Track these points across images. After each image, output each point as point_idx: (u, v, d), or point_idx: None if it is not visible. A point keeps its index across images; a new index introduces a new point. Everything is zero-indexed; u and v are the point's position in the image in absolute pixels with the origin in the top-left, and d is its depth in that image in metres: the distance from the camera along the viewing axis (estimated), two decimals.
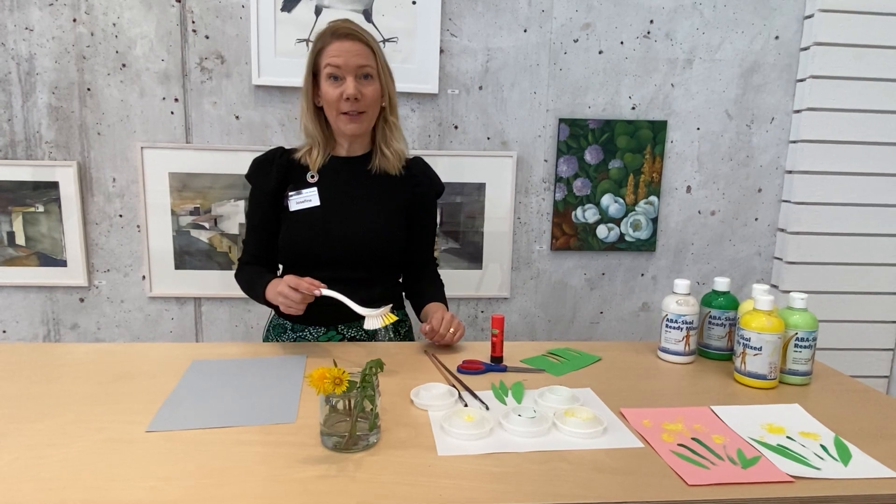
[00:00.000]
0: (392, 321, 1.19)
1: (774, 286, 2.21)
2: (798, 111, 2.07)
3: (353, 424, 0.81)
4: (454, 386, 1.04)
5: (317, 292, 1.16)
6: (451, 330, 1.24)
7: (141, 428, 0.88)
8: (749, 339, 1.08)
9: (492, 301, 2.15)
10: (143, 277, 2.02)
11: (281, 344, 1.29)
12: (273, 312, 1.44)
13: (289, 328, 1.36)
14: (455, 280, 2.10)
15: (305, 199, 1.33)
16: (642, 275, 2.19)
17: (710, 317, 1.23)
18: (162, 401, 0.97)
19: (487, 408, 0.97)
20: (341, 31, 1.26)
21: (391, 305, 1.21)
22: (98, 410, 0.94)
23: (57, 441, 0.84)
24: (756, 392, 1.07)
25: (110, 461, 0.79)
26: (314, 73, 1.30)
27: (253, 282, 1.34)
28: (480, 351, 1.24)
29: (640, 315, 2.22)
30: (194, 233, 2.00)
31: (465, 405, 0.97)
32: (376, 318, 1.17)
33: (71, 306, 2.03)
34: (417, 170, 1.41)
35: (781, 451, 0.85)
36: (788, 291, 2.16)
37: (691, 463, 0.81)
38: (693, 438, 0.88)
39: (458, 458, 0.81)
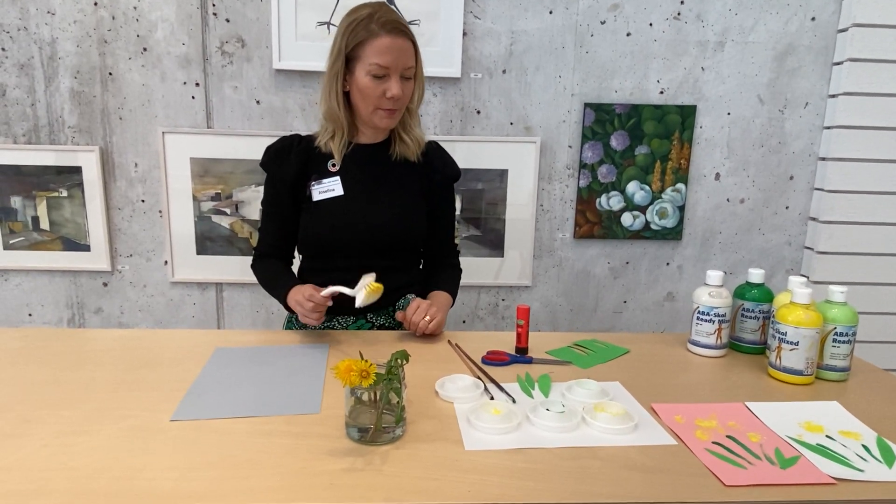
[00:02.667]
0: (378, 290, 1.15)
1: (805, 276, 2.15)
2: (833, 96, 2.00)
3: (378, 417, 0.80)
4: (479, 378, 1.02)
5: (329, 302, 1.17)
6: (427, 318, 1.21)
7: (165, 416, 0.88)
8: (785, 334, 1.04)
9: (513, 289, 2.12)
10: (166, 262, 2.03)
11: (303, 332, 1.28)
12: None
13: None
14: (475, 268, 2.08)
15: (328, 188, 1.30)
16: (668, 264, 2.15)
17: (744, 309, 1.19)
18: (186, 389, 0.97)
19: (514, 401, 0.95)
20: (391, 26, 1.19)
21: (373, 275, 1.17)
22: (123, 398, 0.94)
23: (83, 429, 0.84)
24: (791, 388, 1.04)
25: (136, 450, 0.78)
26: (347, 58, 1.24)
27: (273, 281, 1.34)
28: (504, 341, 1.22)
29: (664, 305, 2.18)
30: (216, 218, 2.00)
31: (492, 398, 0.95)
32: (360, 291, 1.15)
33: (95, 290, 2.04)
34: (433, 155, 1.38)
35: (821, 450, 0.82)
36: (819, 282, 2.10)
37: (727, 462, 0.78)
38: (728, 436, 0.85)
39: (486, 453, 0.79)
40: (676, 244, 2.13)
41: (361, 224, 1.29)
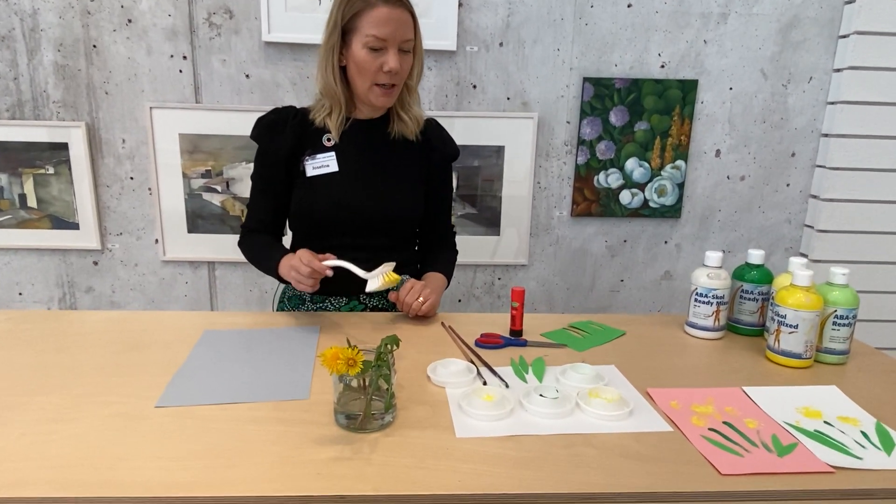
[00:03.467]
0: (395, 282, 1.13)
1: (804, 255, 2.13)
2: (839, 70, 1.95)
3: (367, 404, 0.78)
4: (472, 362, 1.01)
5: (328, 272, 1.11)
6: (420, 299, 1.19)
7: (151, 403, 0.86)
8: (784, 317, 1.02)
9: (509, 268, 2.10)
10: (157, 241, 2.00)
11: (294, 314, 1.26)
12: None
13: (307, 299, 1.32)
14: (471, 246, 2.05)
15: (323, 164, 1.26)
16: (666, 242, 2.12)
17: (742, 291, 1.17)
18: (173, 373, 0.95)
19: (507, 386, 0.93)
20: None
21: (393, 264, 1.15)
22: (108, 383, 0.91)
23: (65, 416, 0.82)
24: (790, 371, 1.02)
25: (119, 439, 0.76)
26: (343, 31, 1.19)
27: (262, 253, 1.28)
28: (498, 324, 1.20)
29: (661, 284, 2.16)
30: (206, 196, 1.96)
31: (485, 383, 0.93)
32: (376, 277, 1.12)
33: (85, 269, 2.02)
34: (432, 133, 1.34)
35: (819, 437, 0.81)
36: (819, 261, 2.08)
37: (724, 450, 0.77)
38: (724, 422, 0.84)
39: (478, 441, 0.77)
40: (675, 222, 2.10)
41: (356, 202, 1.26)
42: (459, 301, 2.11)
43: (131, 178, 1.95)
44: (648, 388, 0.94)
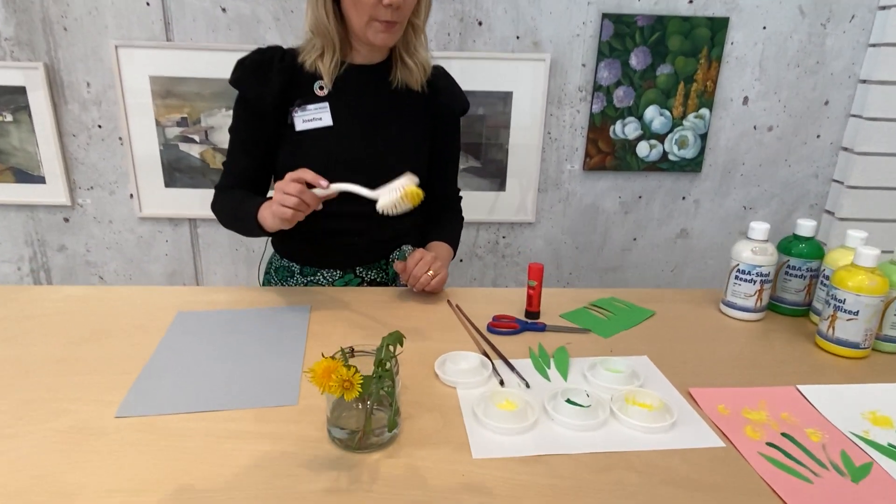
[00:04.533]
0: (416, 198, 0.89)
1: (829, 212, 1.99)
2: (885, 7, 1.75)
3: (367, 420, 0.65)
4: (486, 354, 0.88)
5: (320, 191, 0.92)
6: (430, 273, 1.05)
7: (111, 410, 0.73)
8: (843, 301, 0.89)
9: (514, 226, 1.95)
10: (131, 196, 1.83)
11: (282, 289, 1.12)
12: (273, 251, 1.25)
13: (297, 272, 1.18)
14: (474, 202, 1.89)
15: (314, 116, 1.09)
16: (683, 198, 1.97)
17: (788, 266, 1.04)
18: (140, 368, 0.81)
19: (528, 386, 0.80)
20: None
21: (414, 179, 0.91)
22: (61, 384, 0.78)
23: (6, 430, 0.69)
24: (845, 363, 0.90)
25: (69, 461, 0.64)
26: None
27: (238, 205, 1.09)
28: (511, 301, 1.06)
29: (676, 242, 2.03)
30: (183, 147, 1.78)
31: (502, 382, 0.81)
32: (389, 194, 0.89)
33: (55, 227, 1.86)
34: (440, 83, 1.16)
35: (894, 453, 0.69)
36: (846, 219, 1.94)
37: (789, 473, 0.65)
38: (783, 434, 0.72)
39: (499, 463, 0.65)
40: (695, 177, 1.94)
41: (353, 161, 1.09)
42: (461, 261, 1.98)
43: (99, 127, 1.76)
44: (690, 387, 0.81)
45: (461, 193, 1.32)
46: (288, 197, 0.91)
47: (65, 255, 1.89)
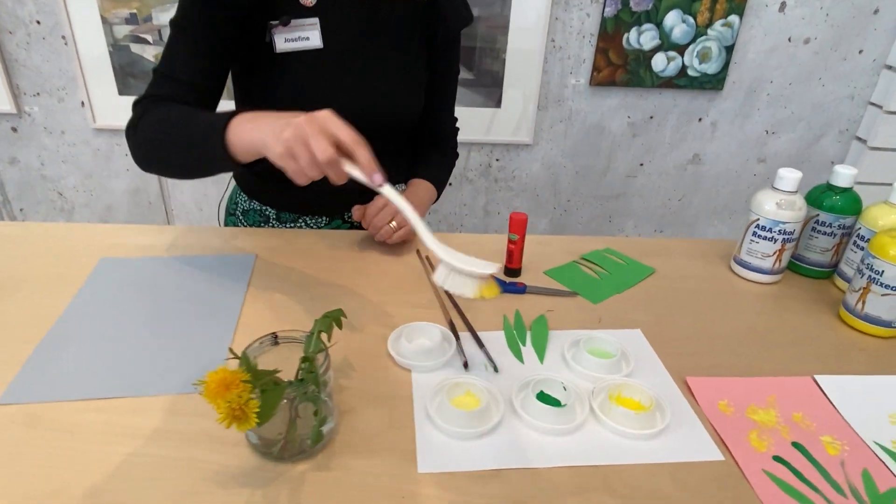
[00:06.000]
0: (489, 295, 0.61)
1: (861, 139, 1.79)
2: None
3: (290, 428, 0.53)
4: (452, 325, 0.75)
5: (359, 175, 0.63)
6: (393, 225, 0.89)
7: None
8: (881, 273, 0.75)
9: (510, 147, 1.77)
10: (83, 104, 1.64)
11: (224, 231, 0.97)
12: (235, 184, 1.08)
13: (272, 217, 1.03)
14: (466, 120, 1.69)
15: (300, 35, 0.86)
16: (700, 120, 1.77)
17: (818, 222, 0.88)
18: (40, 337, 0.69)
19: (496, 370, 0.68)
20: None
21: (496, 267, 0.62)
22: None
23: None
24: (872, 343, 0.77)
25: None
26: None
27: (189, 119, 0.77)
28: (492, 251, 0.92)
29: (687, 169, 1.85)
30: (135, 48, 1.57)
31: (466, 364, 0.68)
32: (464, 275, 0.60)
33: (3, 137, 1.68)
34: None
35: None
36: (879, 148, 1.75)
37: (797, 500, 0.54)
38: (794, 444, 0.60)
39: (447, 480, 0.54)
40: (715, 95, 1.73)
41: (343, 91, 0.90)
42: (450, 184, 1.81)
43: (38, 23, 1.54)
44: (689, 373, 0.69)
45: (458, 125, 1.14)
46: (310, 157, 0.61)
47: (17, 168, 1.73)
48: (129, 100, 1.61)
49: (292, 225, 1.03)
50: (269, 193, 1.02)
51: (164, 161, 0.83)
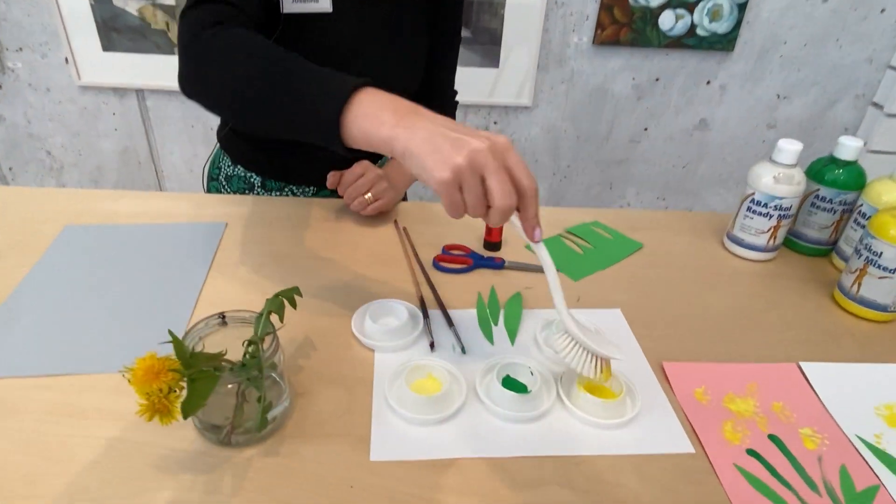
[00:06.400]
0: (607, 379, 0.58)
1: (878, 105, 1.70)
2: None
3: (236, 413, 0.51)
4: (423, 302, 0.71)
5: (534, 239, 0.55)
6: (368, 196, 0.84)
7: None
8: (880, 255, 0.70)
9: (508, 110, 1.70)
10: (67, 61, 1.59)
11: (196, 197, 0.93)
12: (219, 147, 1.03)
13: (257, 184, 0.99)
14: (462, 81, 1.61)
15: None
16: (708, 82, 1.69)
17: (817, 197, 0.83)
18: None
19: (463, 351, 0.65)
20: None
21: (616, 350, 0.57)
22: None
23: None
24: (865, 327, 0.74)
25: None
26: None
27: (292, 68, 0.59)
28: (472, 222, 0.88)
29: (693, 135, 1.78)
30: (118, 1, 1.51)
31: (432, 345, 0.65)
32: (585, 362, 0.56)
33: None
34: None
35: None
36: (895, 115, 1.66)
37: (768, 498, 0.51)
38: (770, 437, 0.57)
39: (399, 470, 0.52)
40: (725, 57, 1.64)
41: (349, 55, 0.85)
42: None
43: None
44: (666, 359, 0.66)
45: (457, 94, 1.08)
46: (480, 196, 0.49)
47: (4, 126, 1.70)
48: (114, 56, 1.57)
49: (278, 193, 0.99)
50: (254, 159, 0.98)
51: (241, 99, 0.61)
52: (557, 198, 1.86)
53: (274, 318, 0.54)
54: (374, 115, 0.52)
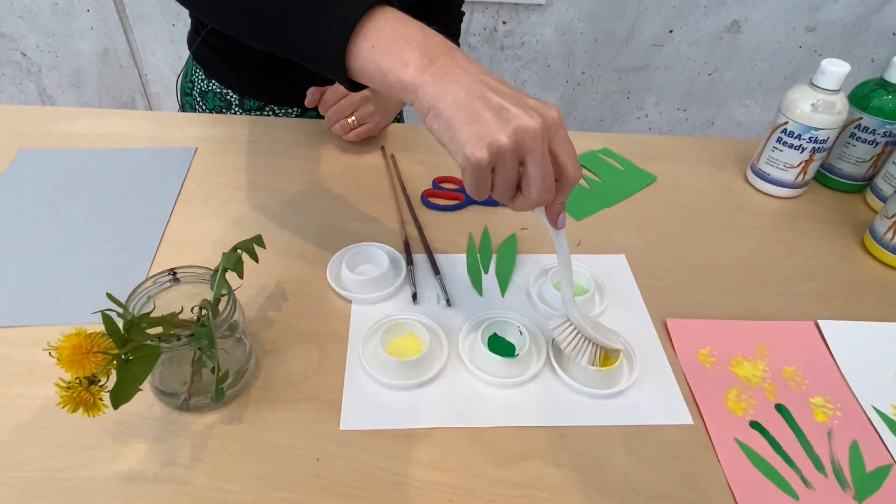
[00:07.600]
0: (602, 364, 0.52)
1: None
2: None
3: (193, 380, 0.47)
4: (407, 244, 0.65)
5: (556, 227, 0.48)
6: (351, 120, 0.76)
7: None
8: None
9: (519, 8, 1.54)
10: None
11: (163, 116, 0.84)
12: (195, 63, 0.92)
13: (234, 103, 0.89)
14: None
15: None
16: None
17: (858, 127, 0.73)
18: None
19: (448, 303, 0.60)
20: None
21: (621, 341, 0.54)
22: None
23: None
24: (893, 276, 0.67)
25: None
26: None
27: None
28: None
29: (723, 39, 1.61)
30: None
31: (415, 296, 0.60)
32: (581, 348, 0.51)
33: None
34: None
35: None
36: None
37: (769, 479, 0.47)
38: (777, 407, 0.53)
39: (369, 440, 0.48)
40: None
41: None
42: None
43: None
44: (670, 315, 0.60)
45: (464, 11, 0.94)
46: (512, 180, 0.42)
47: None
48: None
49: (258, 114, 0.90)
50: (229, 73, 0.88)
51: (242, 9, 0.47)
52: (570, 108, 1.73)
53: (229, 276, 0.48)
54: (396, 51, 0.41)
